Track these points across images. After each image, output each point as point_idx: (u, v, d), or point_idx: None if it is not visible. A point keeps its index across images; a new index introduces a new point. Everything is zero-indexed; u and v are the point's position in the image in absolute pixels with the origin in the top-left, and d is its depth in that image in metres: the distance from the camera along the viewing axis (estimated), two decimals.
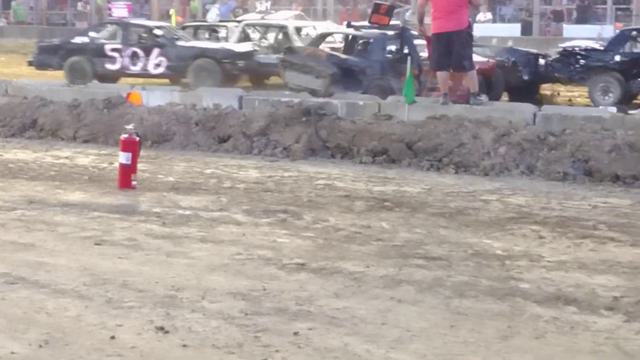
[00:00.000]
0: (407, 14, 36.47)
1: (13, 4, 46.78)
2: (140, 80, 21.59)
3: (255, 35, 24.33)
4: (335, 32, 20.83)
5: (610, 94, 18.43)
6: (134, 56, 22.56)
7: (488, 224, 8.43)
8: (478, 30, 23.65)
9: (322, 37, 19.91)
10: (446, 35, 12.80)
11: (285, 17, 33.54)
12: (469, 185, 10.34)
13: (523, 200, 9.56)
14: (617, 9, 39.34)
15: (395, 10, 32.86)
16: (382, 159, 11.72)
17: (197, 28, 26.02)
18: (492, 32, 30.93)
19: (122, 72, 22.65)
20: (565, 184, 10.49)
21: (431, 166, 11.35)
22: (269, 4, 37.80)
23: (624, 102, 17.60)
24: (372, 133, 12.03)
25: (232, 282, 6.48)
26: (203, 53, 22.01)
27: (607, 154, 10.73)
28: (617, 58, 18.78)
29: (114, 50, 22.70)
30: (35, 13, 47.61)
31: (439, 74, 13.15)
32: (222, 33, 25.06)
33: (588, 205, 9.38)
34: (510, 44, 24.70)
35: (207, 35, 25.07)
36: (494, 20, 35.38)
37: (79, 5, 47.06)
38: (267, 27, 24.93)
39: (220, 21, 26.52)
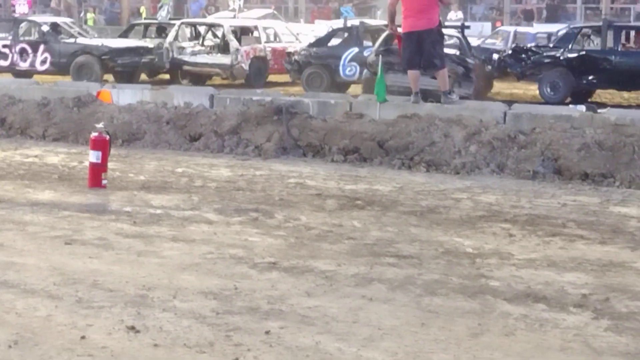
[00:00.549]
0: (378, 13, 36.60)
1: None
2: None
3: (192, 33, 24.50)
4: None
5: (559, 90, 18.74)
6: (23, 52, 23.09)
7: (459, 223, 8.46)
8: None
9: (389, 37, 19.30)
10: (417, 34, 12.80)
11: (258, 15, 33.56)
12: (439, 184, 10.38)
13: (493, 199, 9.60)
14: (586, 8, 39.58)
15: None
16: (354, 158, 11.74)
17: (146, 26, 26.24)
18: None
19: (12, 69, 22.98)
20: (535, 182, 10.54)
21: (402, 165, 11.37)
22: (241, 2, 37.73)
23: (576, 99, 17.77)
24: (343, 132, 12.05)
25: (204, 281, 6.47)
26: (83, 50, 22.62)
27: (576, 152, 10.79)
28: (566, 55, 19.12)
29: (4, 46, 23.30)
30: (4, 10, 47.26)
31: (410, 72, 13.16)
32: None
33: (557, 203, 9.43)
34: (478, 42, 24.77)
35: (154, 35, 25.12)
36: (465, 19, 35.47)
37: (53, 2, 46.73)
38: (204, 27, 24.96)
39: (170, 19, 26.55)
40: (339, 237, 7.83)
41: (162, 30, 25.06)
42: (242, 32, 23.99)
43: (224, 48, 23.34)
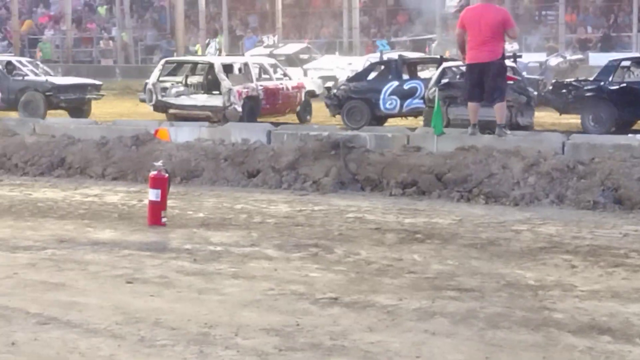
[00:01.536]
0: (433, 45, 36.59)
1: (40, 43, 47.22)
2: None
3: (183, 72, 23.32)
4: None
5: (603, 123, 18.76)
6: None
7: (520, 254, 8.39)
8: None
9: (444, 71, 19.16)
10: (479, 66, 12.77)
11: (293, 50, 33.69)
12: (499, 216, 10.30)
13: (554, 230, 9.50)
14: None
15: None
16: (412, 191, 11.70)
17: (173, 63, 24.51)
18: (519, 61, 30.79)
19: None
20: (596, 213, 10.43)
21: (461, 197, 11.31)
22: (276, 38, 38.03)
23: (618, 129, 17.63)
24: (401, 165, 12.02)
25: (265, 317, 6.46)
26: (29, 86, 23.46)
27: (636, 181, 10.67)
28: (608, 87, 19.15)
29: None
30: (62, 51, 47.99)
31: (469, 104, 13.13)
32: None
33: (619, 233, 9.31)
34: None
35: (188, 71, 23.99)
36: (520, 50, 35.37)
37: (101, 43, 47.40)
38: (194, 64, 23.87)
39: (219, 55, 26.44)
40: (399, 271, 7.79)
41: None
42: (229, 70, 22.41)
43: (210, 87, 22.19)
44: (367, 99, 20.42)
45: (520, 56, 22.15)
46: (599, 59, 30.77)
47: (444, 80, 18.45)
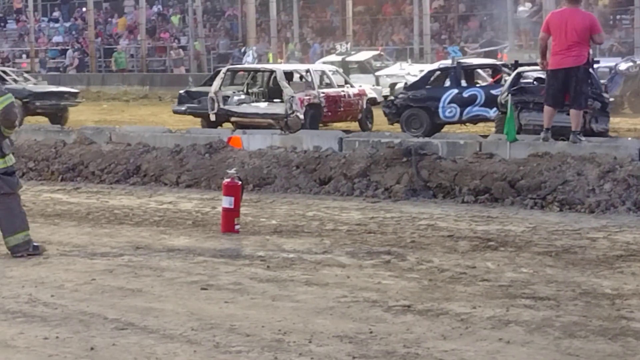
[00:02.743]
0: (505, 51, 36.34)
1: (115, 53, 47.85)
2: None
3: (244, 80, 23.17)
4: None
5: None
6: None
7: (596, 263, 8.29)
8: None
9: (519, 75, 19.04)
10: (564, 71, 12.63)
11: (365, 57, 33.66)
12: (574, 223, 10.19)
13: (631, 238, 9.38)
14: None
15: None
16: (485, 198, 11.63)
17: (235, 72, 24.20)
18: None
19: None
20: None
21: (535, 204, 11.21)
22: (348, 45, 38.01)
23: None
24: (473, 172, 11.96)
25: (339, 325, 6.47)
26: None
27: None
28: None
29: None
30: (136, 60, 48.57)
31: (546, 108, 13.01)
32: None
33: None
34: None
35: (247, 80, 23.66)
36: (594, 55, 35.04)
37: (172, 52, 47.83)
38: (255, 72, 23.71)
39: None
40: (472, 279, 7.75)
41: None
42: (290, 77, 22.13)
43: (271, 95, 22.23)
44: (426, 107, 20.37)
45: (598, 61, 21.89)
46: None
47: (521, 84, 18.25)
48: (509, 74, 19.46)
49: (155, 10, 52.95)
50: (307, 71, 22.47)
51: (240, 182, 10.19)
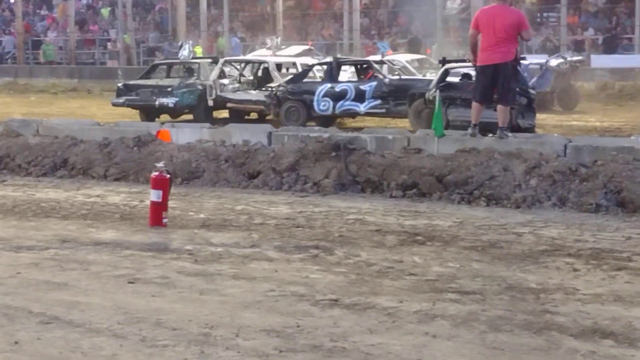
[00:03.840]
0: (434, 47, 36.59)
1: (43, 45, 47.24)
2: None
3: (234, 71, 24.51)
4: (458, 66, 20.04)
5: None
6: None
7: (521, 257, 8.38)
8: None
9: (446, 72, 19.22)
10: (492, 67, 12.75)
11: (296, 52, 33.72)
12: (500, 218, 10.30)
13: (556, 233, 9.50)
14: None
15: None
16: (413, 193, 11.70)
17: (170, 66, 26.10)
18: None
19: None
20: (598, 216, 10.42)
21: (462, 199, 11.31)
22: (279, 40, 38.03)
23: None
24: (402, 167, 12.02)
25: (266, 319, 6.47)
26: None
27: (639, 184, 10.65)
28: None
29: None
30: (65, 53, 48.02)
31: (474, 104, 13.12)
32: (195, 69, 25.10)
33: (622, 236, 9.31)
34: None
35: (181, 73, 25.13)
36: (521, 52, 35.42)
37: (109, 44, 47.46)
38: (246, 64, 25.12)
39: (193, 58, 26.97)
40: (400, 273, 7.79)
41: (184, 70, 25.28)
42: (279, 69, 24.02)
43: (260, 84, 23.38)
44: (303, 100, 21.13)
45: (524, 58, 22.14)
46: (601, 60, 30.80)
47: (448, 81, 18.43)
48: (379, 71, 21.06)
49: (84, 2, 52.38)
50: (294, 64, 24.19)
51: (168, 176, 10.14)
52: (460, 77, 18.98)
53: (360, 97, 20.34)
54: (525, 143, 12.17)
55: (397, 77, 20.69)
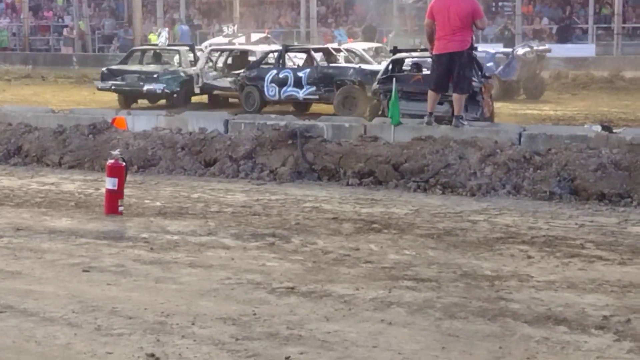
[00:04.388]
0: (390, 36, 36.65)
1: None
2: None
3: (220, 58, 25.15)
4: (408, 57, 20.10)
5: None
6: None
7: (476, 245, 8.43)
8: None
9: (397, 62, 19.22)
10: (448, 56, 12.79)
11: (252, 39, 33.73)
12: (456, 206, 10.35)
13: (510, 220, 9.57)
14: (598, 28, 39.59)
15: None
16: (369, 181, 11.73)
17: (144, 52, 26.75)
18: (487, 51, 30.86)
19: None
20: (552, 203, 10.50)
21: (418, 187, 11.35)
22: (235, 27, 37.96)
23: None
24: (358, 155, 12.04)
25: (222, 307, 6.46)
26: None
27: (592, 172, 10.75)
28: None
29: None
30: (19, 39, 47.58)
31: (429, 93, 13.17)
32: (172, 56, 25.96)
33: (575, 224, 9.39)
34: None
35: (161, 60, 25.95)
36: (476, 41, 35.56)
37: (65, 31, 47.07)
38: (230, 52, 25.76)
39: (169, 45, 27.36)
40: (356, 261, 7.81)
41: (159, 56, 25.67)
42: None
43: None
44: (256, 86, 21.99)
45: (475, 48, 22.21)
46: (555, 50, 30.98)
47: (391, 73, 18.43)
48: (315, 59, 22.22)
49: None
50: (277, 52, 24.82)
51: (124, 164, 10.07)
52: (409, 68, 19.09)
53: (298, 83, 21.28)
54: (481, 131, 12.23)
55: (326, 64, 21.89)
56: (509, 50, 27.62)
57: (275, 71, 21.90)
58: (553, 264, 7.72)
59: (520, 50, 26.57)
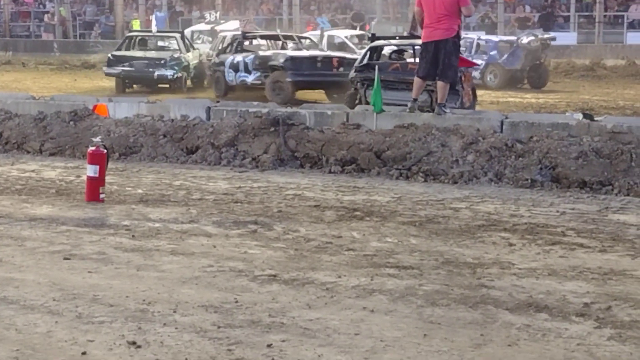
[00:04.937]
0: (373, 23, 36.62)
1: None
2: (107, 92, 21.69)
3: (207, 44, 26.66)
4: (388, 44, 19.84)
5: None
6: None
7: (458, 232, 8.45)
8: None
9: (376, 49, 18.95)
10: (433, 43, 12.78)
11: (235, 26, 33.71)
12: (438, 194, 10.36)
13: (492, 208, 9.59)
14: (579, 16, 39.65)
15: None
16: (351, 169, 11.73)
17: (139, 38, 27.70)
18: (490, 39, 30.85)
19: None
20: (533, 191, 10.53)
21: (400, 175, 11.36)
22: (217, 14, 37.88)
23: None
24: (340, 142, 12.04)
25: (204, 294, 6.44)
26: None
27: (574, 160, 10.79)
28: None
29: None
30: None
31: (416, 79, 13.16)
32: (169, 42, 26.83)
33: (556, 211, 9.42)
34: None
35: (159, 45, 26.79)
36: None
37: (46, 17, 46.84)
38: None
39: (159, 31, 27.82)
40: (338, 249, 7.81)
41: (157, 42, 26.41)
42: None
43: None
44: (220, 71, 23.06)
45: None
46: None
47: (368, 62, 18.41)
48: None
49: None
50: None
51: (105, 151, 10.04)
52: (389, 55, 19.13)
53: (246, 69, 22.17)
54: (463, 119, 12.24)
55: (266, 51, 23.17)
56: (513, 38, 27.60)
57: (231, 57, 22.82)
58: (534, 252, 7.74)
59: (524, 39, 26.49)
